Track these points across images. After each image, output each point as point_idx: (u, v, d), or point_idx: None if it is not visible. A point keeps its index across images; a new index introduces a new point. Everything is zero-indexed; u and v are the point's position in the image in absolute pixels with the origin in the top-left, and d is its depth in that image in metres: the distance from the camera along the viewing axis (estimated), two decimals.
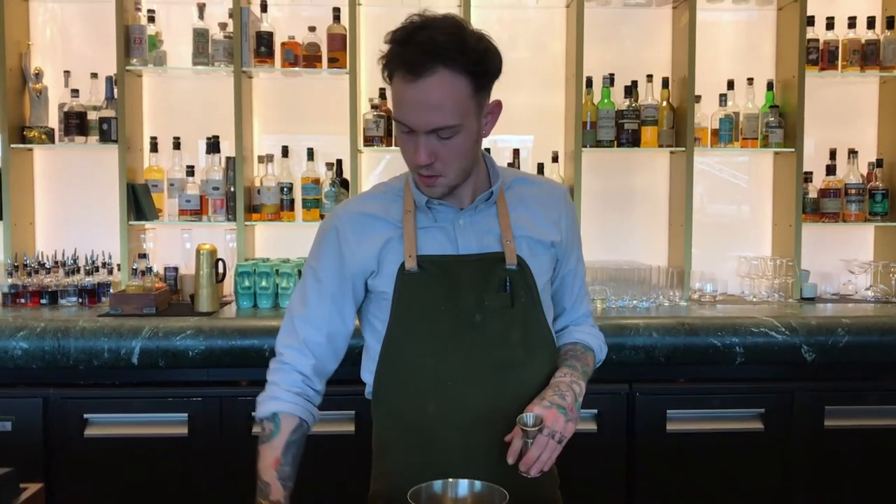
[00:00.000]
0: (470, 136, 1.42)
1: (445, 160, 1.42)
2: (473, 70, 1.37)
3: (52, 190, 3.37)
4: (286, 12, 3.35)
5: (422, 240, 1.52)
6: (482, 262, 1.52)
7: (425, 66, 1.33)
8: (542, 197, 1.61)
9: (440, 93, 1.35)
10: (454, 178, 1.46)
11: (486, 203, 1.55)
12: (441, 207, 1.53)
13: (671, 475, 2.62)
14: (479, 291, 1.50)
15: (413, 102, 1.36)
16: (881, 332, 2.67)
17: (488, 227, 1.55)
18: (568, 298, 1.69)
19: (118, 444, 2.55)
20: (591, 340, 1.67)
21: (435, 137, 1.39)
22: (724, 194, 3.53)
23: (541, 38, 3.44)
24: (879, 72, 3.27)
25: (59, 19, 3.36)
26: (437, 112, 1.36)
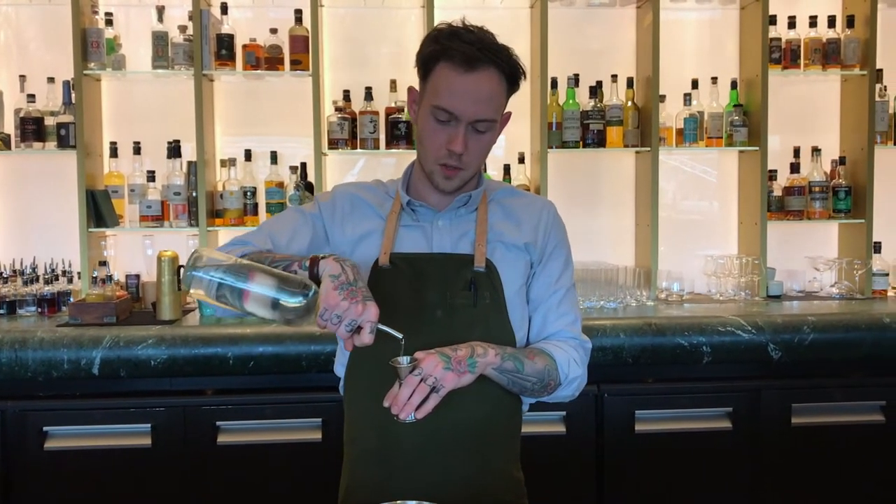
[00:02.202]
0: (494, 136, 1.54)
1: (473, 153, 1.51)
2: (510, 76, 1.49)
3: (9, 197, 3.30)
4: (247, 14, 3.31)
5: (400, 237, 1.59)
6: (451, 261, 1.56)
7: (480, 61, 1.45)
8: (523, 206, 1.66)
9: (490, 87, 1.46)
10: (471, 173, 1.55)
11: (467, 209, 1.61)
12: (423, 209, 1.60)
13: (641, 475, 2.61)
14: (444, 289, 1.54)
15: (464, 92, 1.45)
16: (846, 329, 2.69)
17: (465, 231, 1.60)
18: (544, 308, 1.61)
19: (80, 456, 2.49)
20: (556, 351, 1.56)
21: (472, 129, 1.48)
22: (690, 194, 3.54)
23: (505, 38, 3.38)
24: (841, 70, 3.30)
25: (13, 23, 3.28)
26: (485, 105, 1.46)
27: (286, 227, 1.60)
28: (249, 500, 2.48)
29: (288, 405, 2.50)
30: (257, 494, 2.48)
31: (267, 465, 2.48)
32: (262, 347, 2.48)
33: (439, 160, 1.51)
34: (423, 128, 1.52)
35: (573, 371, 1.54)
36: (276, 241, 1.57)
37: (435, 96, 1.48)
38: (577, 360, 1.55)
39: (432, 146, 1.51)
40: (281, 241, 1.57)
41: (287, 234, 1.58)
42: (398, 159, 3.40)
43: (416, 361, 1.34)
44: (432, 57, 1.49)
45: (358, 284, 1.32)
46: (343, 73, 3.34)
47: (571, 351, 1.56)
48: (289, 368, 2.48)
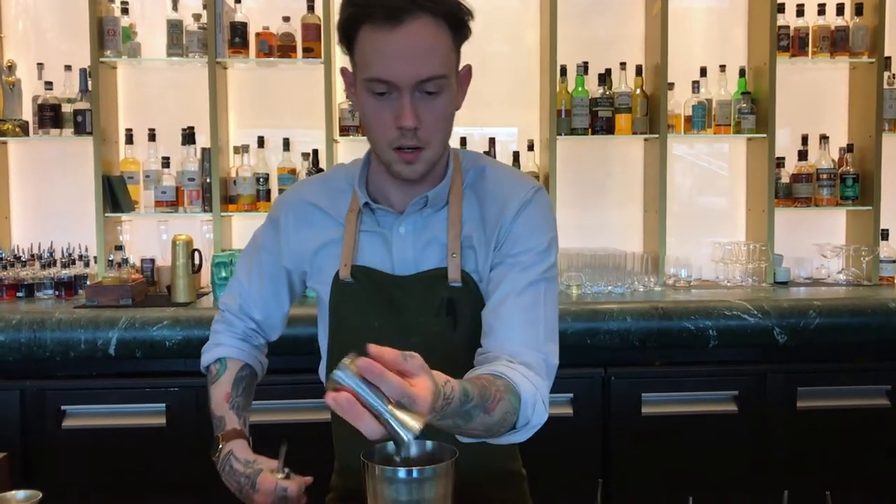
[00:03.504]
0: (452, 100, 1.27)
1: (430, 125, 1.24)
2: (452, 19, 1.23)
3: (27, 183, 3.36)
4: (260, 3, 3.34)
5: (362, 245, 1.38)
6: (419, 283, 1.34)
7: (406, 11, 1.18)
8: (493, 191, 1.38)
9: (427, 37, 1.20)
10: (436, 152, 1.28)
11: (433, 208, 1.36)
12: (382, 211, 1.37)
13: (646, 458, 2.65)
14: (415, 315, 1.34)
15: (396, 52, 1.19)
16: (851, 314, 2.71)
17: (433, 236, 1.35)
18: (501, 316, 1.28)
19: (96, 435, 2.55)
20: (525, 388, 1.18)
21: (421, 95, 1.22)
22: (698, 181, 3.57)
23: (515, 27, 3.45)
24: (849, 58, 3.31)
25: (31, 11, 3.34)
26: (426, 60, 1.20)
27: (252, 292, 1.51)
28: None
29: (299, 386, 2.54)
30: None
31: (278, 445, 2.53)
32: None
33: (392, 144, 1.25)
34: (364, 110, 1.26)
35: (537, 417, 1.20)
36: (245, 297, 1.51)
37: (366, 68, 1.22)
38: (545, 401, 1.22)
39: (380, 129, 1.25)
40: (256, 316, 1.51)
41: (258, 308, 1.51)
42: None
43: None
44: (352, 22, 1.22)
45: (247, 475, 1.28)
46: None
47: (542, 385, 1.23)
48: (304, 349, 2.52)
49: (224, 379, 1.46)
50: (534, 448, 1.64)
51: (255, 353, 1.54)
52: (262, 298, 1.51)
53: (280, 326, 1.57)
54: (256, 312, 1.52)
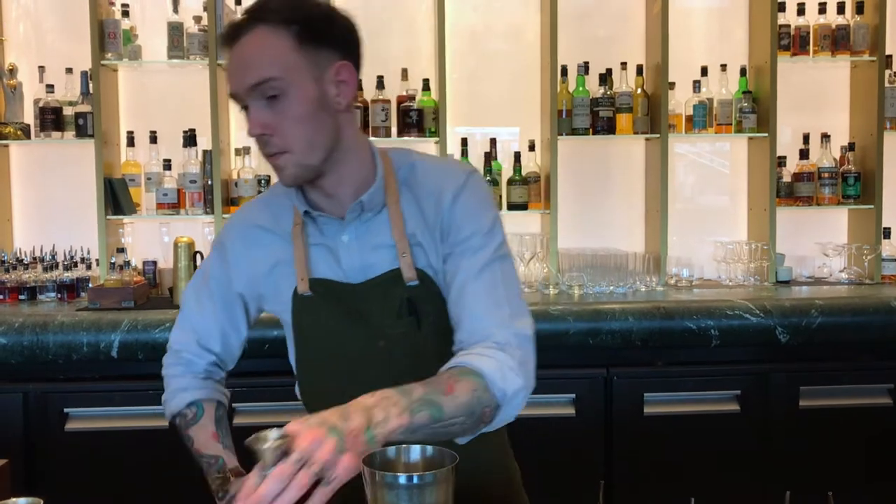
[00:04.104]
0: (307, 100, 1.25)
1: (282, 129, 1.25)
2: (293, 20, 1.24)
3: (29, 186, 3.36)
4: None
5: (313, 258, 1.38)
6: (376, 288, 1.34)
7: (242, 27, 1.25)
8: (424, 184, 1.38)
9: (258, 45, 1.24)
10: (303, 154, 1.27)
11: (372, 211, 1.35)
12: (323, 219, 1.36)
13: (649, 458, 2.65)
14: (378, 319, 1.34)
15: (231, 66, 1.27)
16: (853, 313, 2.71)
17: (379, 240, 1.35)
18: (465, 304, 1.28)
19: (99, 437, 2.55)
20: (484, 363, 1.19)
21: (263, 103, 1.24)
22: (699, 180, 3.57)
23: (515, 27, 3.45)
24: (850, 56, 3.31)
25: (32, 14, 3.34)
26: (253, 67, 1.24)
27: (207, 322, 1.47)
28: None
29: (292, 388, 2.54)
30: None
31: None
32: (276, 331, 2.52)
33: (261, 152, 1.29)
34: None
35: (511, 383, 1.19)
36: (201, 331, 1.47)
37: None
38: (513, 367, 1.21)
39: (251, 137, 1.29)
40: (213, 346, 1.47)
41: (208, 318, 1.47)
42: (410, 147, 3.43)
43: (286, 439, 0.93)
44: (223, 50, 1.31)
45: None
46: None
47: (503, 356, 1.21)
48: None
49: (205, 420, 1.43)
50: (536, 448, 1.65)
51: (220, 389, 1.50)
52: (219, 329, 1.47)
53: (238, 355, 1.53)
54: (216, 344, 1.48)
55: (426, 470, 1.04)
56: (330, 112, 1.29)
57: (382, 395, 1.06)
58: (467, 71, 3.43)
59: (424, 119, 3.21)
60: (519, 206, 3.25)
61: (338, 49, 1.30)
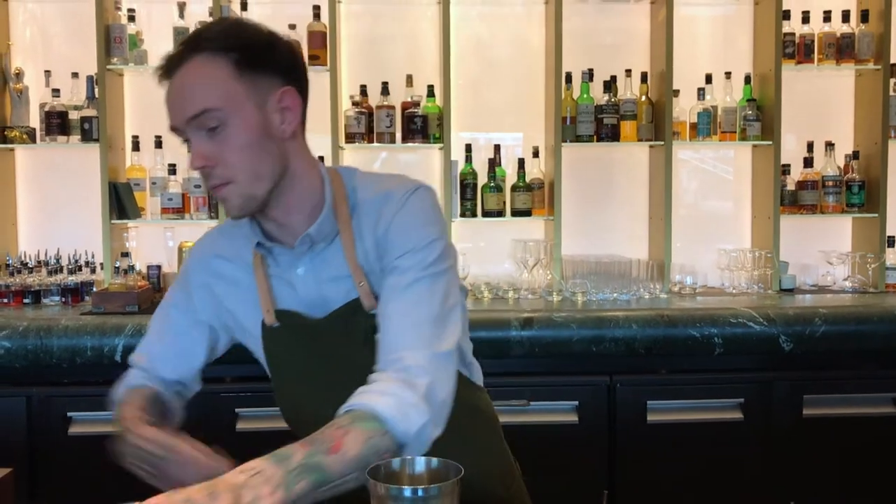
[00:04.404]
0: (249, 128, 1.22)
1: (225, 160, 1.21)
2: (230, 47, 1.21)
3: (34, 190, 3.37)
4: (266, 10, 3.36)
5: (274, 290, 1.35)
6: (339, 320, 1.31)
7: (178, 59, 1.22)
8: (373, 207, 1.32)
9: (195, 76, 1.21)
10: (248, 184, 1.23)
11: (324, 241, 1.32)
12: (278, 250, 1.34)
13: (652, 465, 2.64)
14: (345, 351, 1.31)
15: (170, 100, 1.23)
16: (857, 322, 2.70)
17: (334, 271, 1.32)
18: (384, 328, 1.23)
19: (102, 442, 2.54)
20: (381, 403, 1.11)
21: (204, 135, 1.21)
22: (703, 188, 3.57)
23: (521, 33, 3.46)
24: (855, 65, 3.31)
25: (38, 19, 3.35)
26: (191, 98, 1.20)
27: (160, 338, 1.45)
28: None
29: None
30: None
31: None
32: None
33: (205, 184, 1.28)
34: None
35: (413, 422, 1.12)
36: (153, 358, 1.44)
37: None
38: (414, 403, 1.13)
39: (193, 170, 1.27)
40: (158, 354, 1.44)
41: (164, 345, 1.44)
42: (415, 154, 3.45)
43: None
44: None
45: None
46: (360, 68, 3.39)
47: (404, 391, 1.13)
48: None
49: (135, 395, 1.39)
50: (538, 455, 1.65)
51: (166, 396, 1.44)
52: (171, 357, 1.44)
53: (195, 383, 1.50)
54: (167, 372, 1.44)
55: (431, 482, 1.04)
56: (275, 140, 1.26)
57: (254, 471, 1.00)
58: (472, 77, 3.44)
59: (429, 125, 3.21)
60: (523, 213, 3.25)
61: (280, 75, 1.27)
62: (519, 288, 3.16)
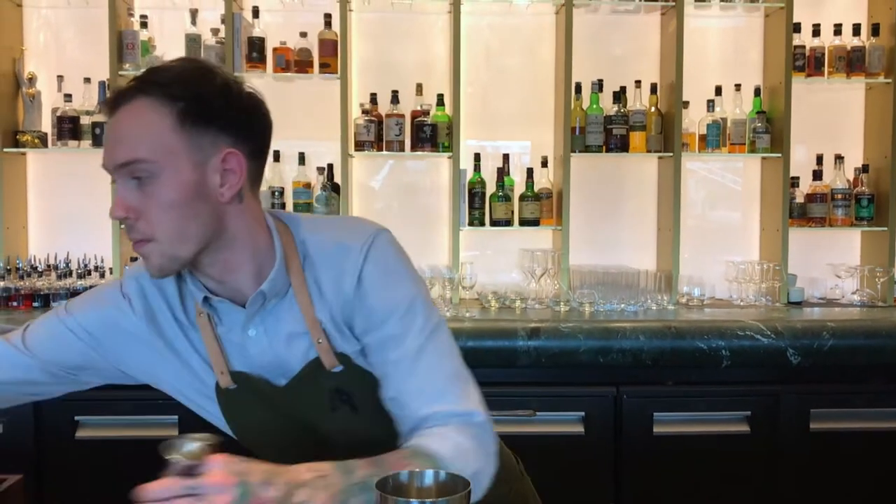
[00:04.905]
0: (181, 186, 1.12)
1: (149, 215, 1.12)
2: (178, 97, 1.12)
3: (45, 193, 3.39)
4: (278, 18, 3.37)
5: (226, 349, 1.25)
6: (299, 384, 1.23)
7: (122, 97, 1.13)
8: (327, 262, 1.23)
9: (129, 121, 1.12)
10: (170, 245, 1.13)
11: (276, 298, 1.22)
12: (223, 306, 1.23)
13: (658, 477, 2.64)
14: (311, 416, 1.25)
15: (105, 139, 1.15)
16: (866, 336, 2.69)
17: (289, 329, 1.23)
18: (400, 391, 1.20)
19: (110, 445, 2.56)
20: (437, 443, 1.12)
21: (132, 184, 1.12)
22: (712, 200, 3.56)
23: (530, 43, 3.47)
24: (865, 78, 3.30)
25: (52, 25, 3.38)
26: (124, 144, 1.11)
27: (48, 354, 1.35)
28: None
29: None
30: None
31: None
32: None
33: (127, 234, 1.16)
34: None
35: (471, 465, 1.13)
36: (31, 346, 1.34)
37: None
38: (471, 449, 1.15)
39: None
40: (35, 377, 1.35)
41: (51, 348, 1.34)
42: (423, 162, 3.46)
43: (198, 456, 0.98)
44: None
45: None
46: (370, 76, 3.40)
47: (460, 438, 1.15)
48: None
49: None
50: (545, 466, 1.65)
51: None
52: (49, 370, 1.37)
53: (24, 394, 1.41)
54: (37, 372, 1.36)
55: (439, 495, 1.04)
56: (210, 202, 1.15)
57: (320, 473, 1.03)
58: (481, 86, 3.44)
59: (438, 133, 3.22)
60: (531, 222, 3.25)
61: (228, 134, 1.16)
62: (526, 297, 3.16)
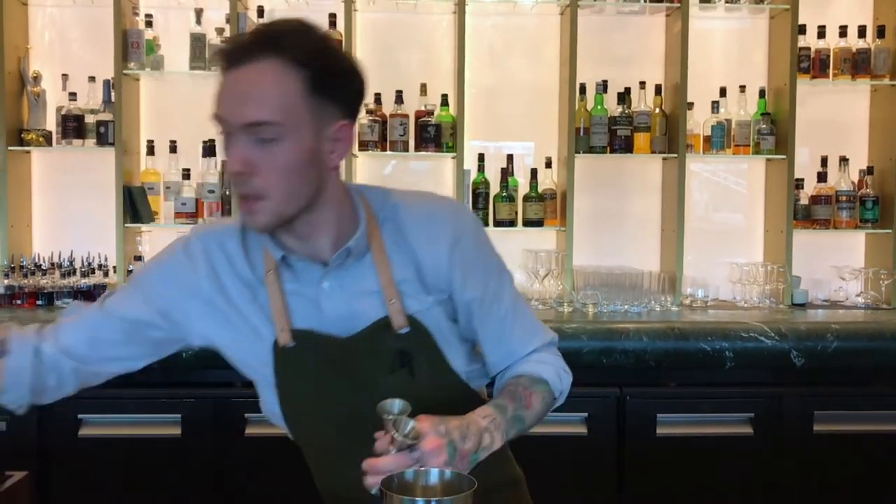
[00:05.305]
0: (301, 150, 1.16)
1: (266, 174, 1.15)
2: (308, 63, 1.15)
3: (49, 192, 3.39)
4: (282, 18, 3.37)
5: (290, 306, 1.27)
6: (364, 341, 1.26)
7: (249, 52, 1.15)
8: (419, 225, 1.30)
9: (262, 81, 1.14)
10: (280, 204, 1.18)
11: (355, 257, 1.26)
12: (301, 264, 1.27)
13: (661, 479, 2.63)
14: (369, 374, 1.27)
15: (228, 91, 1.16)
16: (869, 338, 2.69)
17: (363, 287, 1.27)
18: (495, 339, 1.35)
19: (112, 444, 2.56)
20: (544, 370, 1.35)
21: (254, 141, 1.15)
22: (716, 201, 3.56)
23: (535, 44, 3.46)
24: (870, 80, 3.30)
25: (57, 23, 3.38)
26: (255, 103, 1.14)
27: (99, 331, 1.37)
28: (275, 491, 2.54)
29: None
30: (283, 485, 2.54)
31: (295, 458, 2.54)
32: None
33: (236, 189, 1.19)
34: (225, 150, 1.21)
35: (565, 383, 1.38)
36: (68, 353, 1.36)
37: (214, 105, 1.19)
38: (565, 369, 1.39)
39: (227, 171, 1.26)
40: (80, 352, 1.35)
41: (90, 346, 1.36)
42: (427, 162, 3.45)
43: (417, 435, 1.10)
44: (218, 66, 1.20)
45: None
46: (374, 76, 3.35)
47: (555, 360, 1.39)
48: None
49: None
50: (547, 467, 1.64)
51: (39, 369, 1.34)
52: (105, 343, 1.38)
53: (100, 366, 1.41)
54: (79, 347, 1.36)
55: (444, 494, 1.04)
56: (319, 168, 1.21)
57: (491, 418, 1.21)
58: (486, 87, 3.44)
59: (442, 134, 3.22)
60: (534, 223, 3.25)
61: (343, 106, 1.22)
62: (530, 298, 3.16)
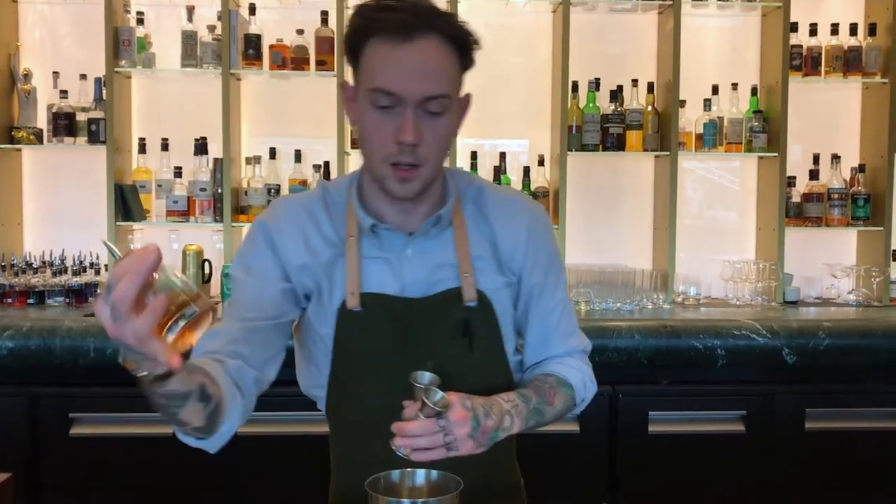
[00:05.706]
0: (453, 122, 1.28)
1: (430, 144, 1.23)
2: (459, 43, 1.25)
3: (40, 190, 3.38)
4: (274, 15, 3.37)
5: (365, 272, 1.32)
6: (434, 305, 1.33)
7: (417, 28, 1.20)
8: (500, 211, 1.40)
9: (436, 57, 1.21)
10: (432, 172, 1.27)
11: (439, 228, 1.34)
12: (387, 233, 1.32)
13: (653, 476, 2.64)
14: (432, 338, 1.33)
15: (405, 66, 1.20)
16: (861, 335, 2.70)
17: (442, 258, 1.34)
18: (540, 328, 1.42)
19: (105, 443, 2.55)
20: (572, 374, 1.40)
21: (424, 112, 1.22)
22: (708, 199, 3.56)
23: (528, 42, 3.46)
24: (862, 78, 3.30)
25: (48, 20, 3.37)
26: (434, 78, 1.21)
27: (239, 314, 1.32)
28: (271, 490, 2.54)
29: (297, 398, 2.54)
30: (280, 484, 2.53)
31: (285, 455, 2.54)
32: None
33: (389, 159, 1.23)
34: (365, 122, 1.25)
35: (588, 392, 1.42)
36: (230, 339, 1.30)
37: (371, 79, 1.22)
38: (591, 379, 1.43)
39: (379, 142, 1.23)
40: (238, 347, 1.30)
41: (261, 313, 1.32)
42: None
43: (445, 404, 1.17)
44: (360, 34, 1.23)
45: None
46: None
47: (585, 368, 1.44)
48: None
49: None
50: (540, 464, 1.65)
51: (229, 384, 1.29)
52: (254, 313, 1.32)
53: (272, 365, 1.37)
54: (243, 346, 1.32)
55: (431, 495, 1.04)
56: (453, 139, 1.33)
57: (514, 403, 1.27)
58: (478, 85, 3.40)
59: None
60: None
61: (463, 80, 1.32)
62: None
